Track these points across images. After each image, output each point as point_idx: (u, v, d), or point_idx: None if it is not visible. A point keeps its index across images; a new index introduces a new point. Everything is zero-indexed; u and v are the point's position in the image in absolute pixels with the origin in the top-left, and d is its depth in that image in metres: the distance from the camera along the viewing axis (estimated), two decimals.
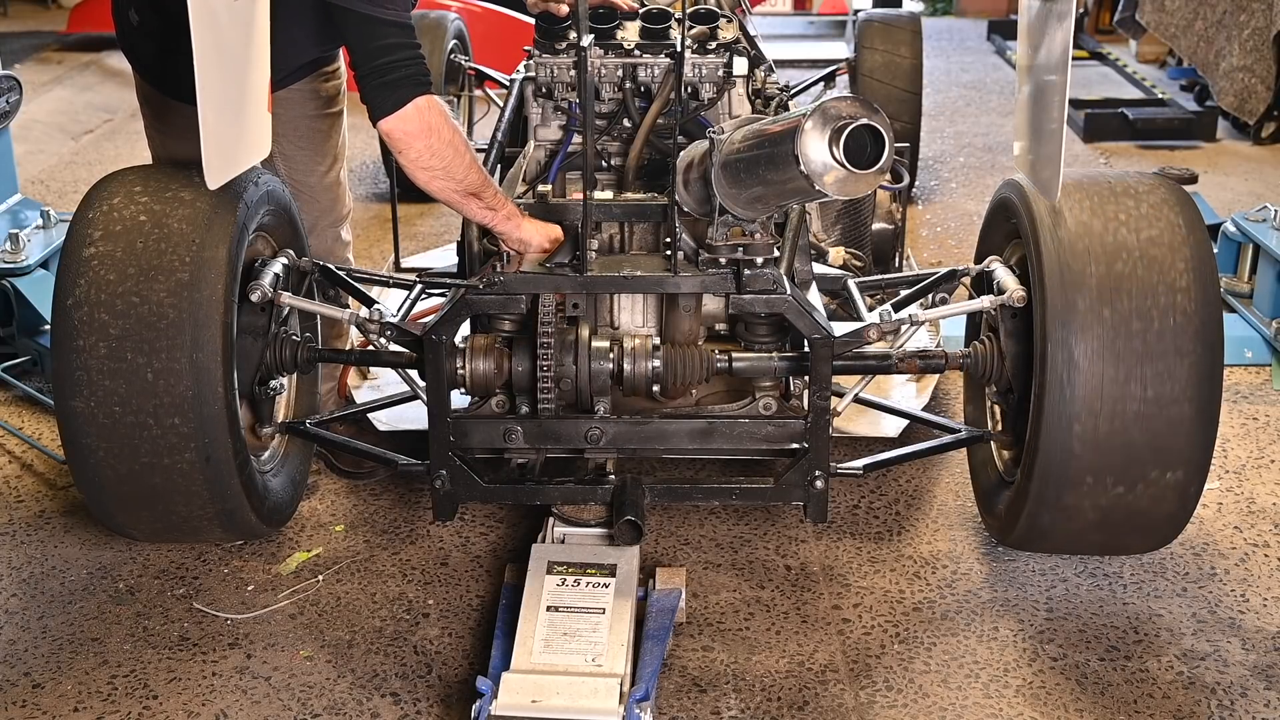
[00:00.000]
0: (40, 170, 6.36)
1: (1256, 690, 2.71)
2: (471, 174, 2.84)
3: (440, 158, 2.80)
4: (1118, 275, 2.71)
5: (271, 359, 3.07)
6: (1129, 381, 2.68)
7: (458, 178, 2.83)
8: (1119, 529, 2.85)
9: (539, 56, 3.52)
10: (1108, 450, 2.71)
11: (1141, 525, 2.85)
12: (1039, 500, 2.79)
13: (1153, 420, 2.69)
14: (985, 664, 2.79)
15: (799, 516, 3.30)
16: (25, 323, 4.08)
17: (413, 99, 2.75)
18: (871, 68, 5.41)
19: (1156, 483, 2.75)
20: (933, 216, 5.61)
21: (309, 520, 3.33)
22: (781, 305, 2.84)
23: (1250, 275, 4.40)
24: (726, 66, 3.46)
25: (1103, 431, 2.70)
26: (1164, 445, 2.71)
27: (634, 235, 3.18)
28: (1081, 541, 2.94)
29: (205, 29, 2.49)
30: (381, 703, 2.68)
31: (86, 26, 8.71)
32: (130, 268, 2.74)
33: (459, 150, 2.82)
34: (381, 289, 3.72)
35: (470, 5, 7.81)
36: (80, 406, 2.73)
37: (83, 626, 2.92)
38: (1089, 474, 2.73)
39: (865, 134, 2.31)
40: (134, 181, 2.90)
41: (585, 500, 3.01)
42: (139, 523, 2.95)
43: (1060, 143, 2.59)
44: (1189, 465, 2.74)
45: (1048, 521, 2.84)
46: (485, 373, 2.92)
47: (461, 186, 2.85)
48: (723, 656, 2.81)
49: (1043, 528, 2.86)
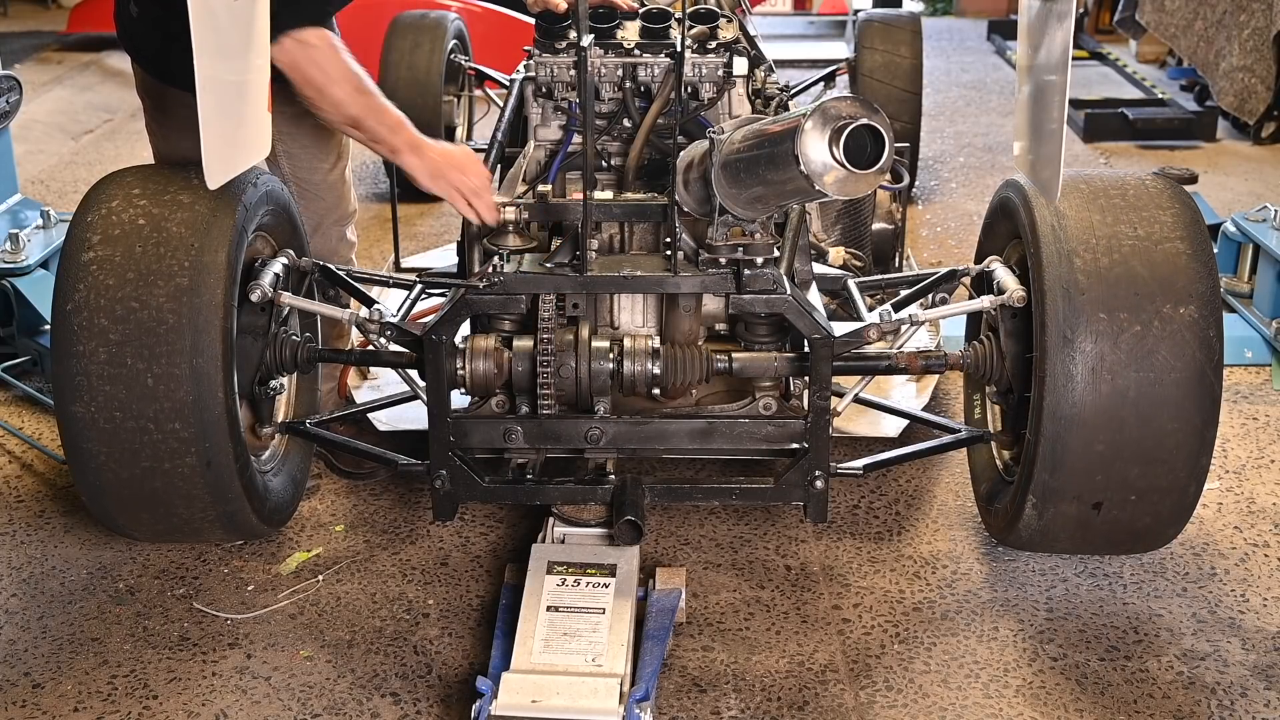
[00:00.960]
0: (40, 170, 6.36)
1: (1256, 690, 2.71)
2: (352, 107, 2.98)
3: (314, 85, 2.96)
4: (1117, 276, 2.71)
5: (271, 359, 3.07)
6: (1128, 380, 2.68)
7: (336, 104, 2.98)
8: (1119, 529, 2.85)
9: (539, 56, 3.52)
10: (1107, 450, 2.71)
11: (1141, 525, 2.85)
12: (1038, 500, 2.79)
13: (1152, 420, 2.69)
14: (985, 664, 2.79)
15: (799, 516, 3.30)
16: (25, 323, 4.08)
17: (296, 27, 2.89)
18: (871, 68, 5.41)
19: (1156, 483, 2.75)
20: (933, 216, 5.61)
21: (309, 520, 3.33)
22: (781, 305, 2.83)
23: (1250, 275, 4.40)
24: (726, 66, 3.45)
25: (1103, 430, 2.70)
26: (1163, 445, 2.71)
27: (634, 235, 3.18)
28: (1081, 541, 2.94)
29: (205, 29, 2.49)
30: (381, 703, 2.68)
31: (86, 26, 8.71)
32: (129, 272, 2.74)
33: (338, 80, 2.97)
34: (381, 289, 3.71)
35: (470, 5, 7.81)
36: (81, 411, 2.73)
37: (83, 626, 2.92)
38: (1089, 474, 2.73)
39: (865, 134, 2.31)
40: (132, 184, 2.90)
41: (585, 500, 3.01)
42: (140, 524, 2.96)
43: (1060, 143, 2.59)
44: (1189, 465, 2.74)
45: (1047, 521, 2.84)
46: (485, 373, 2.92)
47: (341, 116, 3.00)
48: (723, 656, 2.81)
49: (1042, 528, 2.86)
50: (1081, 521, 2.82)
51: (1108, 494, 2.77)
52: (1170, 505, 2.81)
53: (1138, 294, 2.70)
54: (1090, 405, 2.68)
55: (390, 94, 5.72)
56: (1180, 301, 2.70)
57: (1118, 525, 2.83)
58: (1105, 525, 2.83)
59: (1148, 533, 2.90)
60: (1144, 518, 2.83)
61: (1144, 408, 2.68)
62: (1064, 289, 2.70)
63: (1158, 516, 2.84)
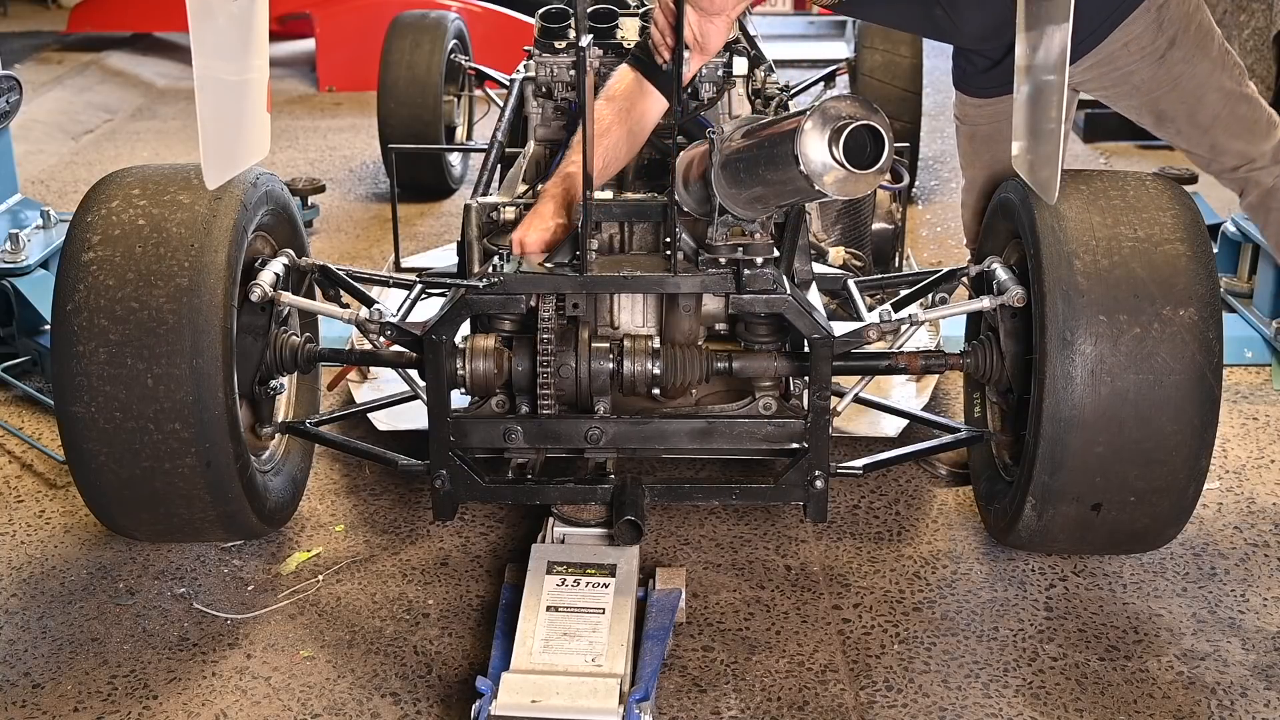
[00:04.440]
0: (40, 170, 6.36)
1: (1256, 690, 2.71)
2: None
3: None
4: (1117, 277, 2.71)
5: (271, 359, 3.07)
6: (1128, 381, 2.68)
7: None
8: (1119, 529, 2.85)
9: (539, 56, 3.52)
10: (1107, 451, 2.71)
11: (1141, 525, 2.85)
12: (1038, 501, 2.80)
13: (1152, 422, 2.69)
14: (985, 664, 2.79)
15: (799, 516, 3.30)
16: (25, 323, 4.08)
17: None
18: (871, 68, 5.41)
19: (1156, 484, 2.75)
20: (933, 216, 5.61)
21: (309, 520, 3.33)
22: (781, 305, 2.83)
23: (1250, 275, 4.39)
24: (726, 66, 3.46)
25: (1102, 431, 2.70)
26: (1163, 447, 2.71)
27: (634, 235, 3.18)
28: (1081, 542, 2.94)
29: (204, 29, 2.49)
30: (381, 703, 2.68)
31: (86, 26, 8.72)
32: (129, 273, 2.74)
33: None
34: (381, 289, 3.72)
35: (470, 5, 7.82)
36: (81, 412, 2.73)
37: (83, 626, 2.92)
38: (1088, 475, 2.73)
39: (865, 134, 2.30)
40: (132, 184, 2.90)
41: (585, 500, 3.01)
42: (139, 525, 2.96)
43: (1059, 143, 2.59)
44: (1188, 465, 2.74)
45: (1047, 522, 2.84)
46: (485, 373, 2.92)
47: None
48: (723, 656, 2.81)
49: (1042, 528, 2.87)
50: (1081, 522, 2.83)
51: (1107, 495, 2.77)
52: (1170, 506, 2.81)
53: (1137, 296, 2.70)
54: (1090, 407, 2.68)
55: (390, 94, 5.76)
56: (1180, 303, 2.70)
57: (1117, 526, 2.84)
58: (1105, 526, 2.83)
59: (1147, 533, 2.90)
60: (1143, 519, 2.83)
61: (1144, 409, 2.68)
62: (1064, 290, 2.70)
63: (1157, 517, 2.84)
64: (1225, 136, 3.23)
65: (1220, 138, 3.23)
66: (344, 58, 7.89)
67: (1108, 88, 3.22)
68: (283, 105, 7.51)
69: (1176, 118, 3.22)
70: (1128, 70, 3.15)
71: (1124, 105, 3.29)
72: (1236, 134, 3.23)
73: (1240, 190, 3.35)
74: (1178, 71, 3.14)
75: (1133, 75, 3.16)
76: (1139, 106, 3.25)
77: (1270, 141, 3.26)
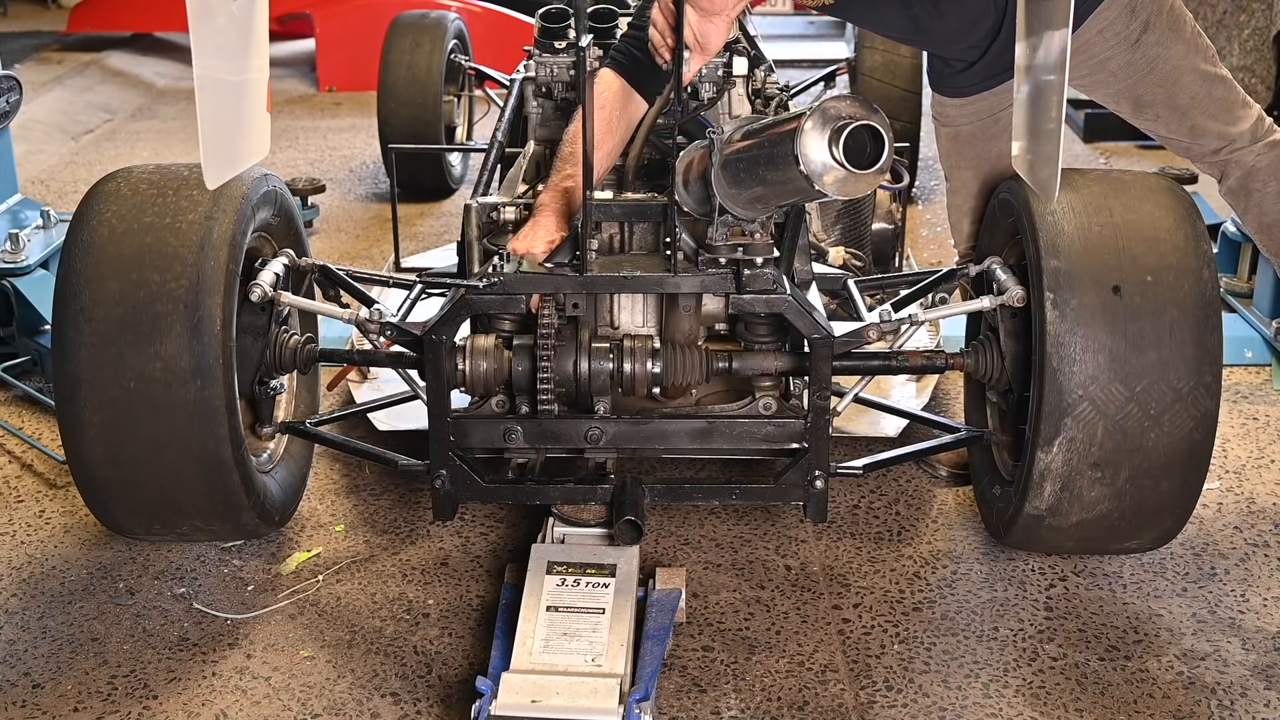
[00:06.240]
0: (40, 170, 6.36)
1: (1256, 690, 2.71)
2: None
3: None
4: (1117, 275, 2.71)
5: (271, 359, 3.07)
6: (1128, 382, 2.68)
7: None
8: (1118, 529, 2.85)
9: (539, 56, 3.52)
10: (1107, 450, 2.71)
11: (1141, 525, 2.85)
12: (1038, 500, 2.80)
13: (1152, 420, 2.69)
14: (985, 664, 2.79)
15: (799, 516, 3.30)
16: (25, 323, 4.08)
17: None
18: (871, 68, 5.40)
19: (1156, 483, 2.75)
20: (933, 216, 5.61)
21: (309, 520, 3.33)
22: (781, 305, 2.84)
23: (1250, 275, 4.40)
24: (726, 66, 3.45)
25: (1101, 431, 2.70)
26: (1163, 445, 2.71)
27: (634, 235, 3.18)
28: (1081, 541, 2.94)
29: (204, 29, 2.49)
30: (381, 703, 2.68)
31: (86, 26, 8.72)
32: (130, 273, 2.74)
33: None
34: (381, 289, 3.72)
35: (470, 5, 7.82)
36: (80, 411, 2.73)
37: (83, 626, 2.92)
38: (1088, 474, 2.73)
39: (865, 134, 2.30)
40: (132, 184, 2.90)
41: (585, 500, 3.01)
42: (139, 524, 2.96)
43: (1058, 143, 2.59)
44: (1188, 465, 2.74)
45: (1047, 521, 2.84)
46: (485, 373, 2.92)
47: None
48: (723, 656, 2.81)
49: (1042, 527, 2.87)
50: (1081, 521, 2.83)
51: (1107, 493, 2.77)
52: (1169, 505, 2.81)
53: (1137, 293, 2.70)
54: (1089, 405, 2.68)
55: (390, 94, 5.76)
56: (1179, 303, 2.70)
57: (1117, 525, 2.84)
58: (1104, 525, 2.83)
59: (1147, 532, 2.90)
60: (1143, 517, 2.83)
61: (1143, 407, 2.68)
62: (1063, 289, 2.70)
63: (1157, 516, 2.84)
64: (1203, 118, 3.24)
65: (1199, 119, 3.24)
66: (344, 58, 7.90)
67: (1084, 76, 3.22)
68: (283, 105, 7.51)
69: (1155, 102, 3.23)
70: (1104, 57, 3.16)
71: (1101, 94, 3.29)
72: (1214, 115, 3.24)
73: (1220, 175, 3.36)
74: (1153, 55, 3.15)
75: (1109, 62, 3.17)
76: (1116, 94, 3.26)
77: (1247, 121, 3.27)
